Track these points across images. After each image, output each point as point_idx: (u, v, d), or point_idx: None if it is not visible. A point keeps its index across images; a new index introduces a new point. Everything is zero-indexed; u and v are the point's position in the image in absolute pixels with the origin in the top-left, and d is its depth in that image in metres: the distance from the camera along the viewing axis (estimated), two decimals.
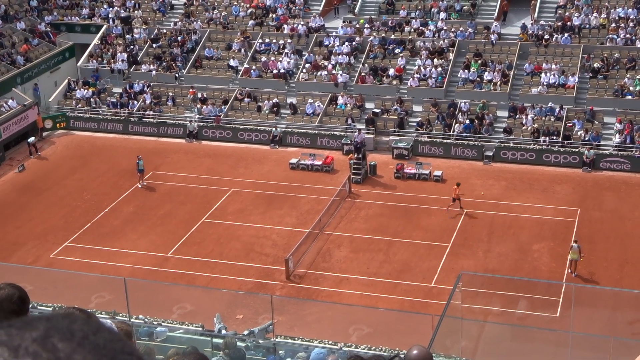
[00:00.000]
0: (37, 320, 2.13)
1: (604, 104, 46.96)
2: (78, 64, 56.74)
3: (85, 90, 54.05)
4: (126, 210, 40.89)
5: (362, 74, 51.39)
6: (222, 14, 57.41)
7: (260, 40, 55.40)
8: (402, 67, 51.66)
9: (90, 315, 4.15)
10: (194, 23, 57.08)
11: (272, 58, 53.94)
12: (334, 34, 54.60)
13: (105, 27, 58.50)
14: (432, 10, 54.68)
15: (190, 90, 53.05)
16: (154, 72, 54.70)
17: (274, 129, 48.85)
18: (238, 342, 21.88)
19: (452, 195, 39.47)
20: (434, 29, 53.17)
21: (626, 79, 47.50)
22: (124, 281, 26.34)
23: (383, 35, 53.60)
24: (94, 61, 56.52)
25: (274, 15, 56.63)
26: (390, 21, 54.24)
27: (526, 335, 27.33)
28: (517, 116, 47.45)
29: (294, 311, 30.62)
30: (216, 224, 39.13)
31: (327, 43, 54.38)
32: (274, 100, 51.07)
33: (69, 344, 2.06)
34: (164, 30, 57.49)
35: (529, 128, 46.41)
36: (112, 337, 2.12)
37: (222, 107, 51.52)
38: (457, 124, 47.30)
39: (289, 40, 54.71)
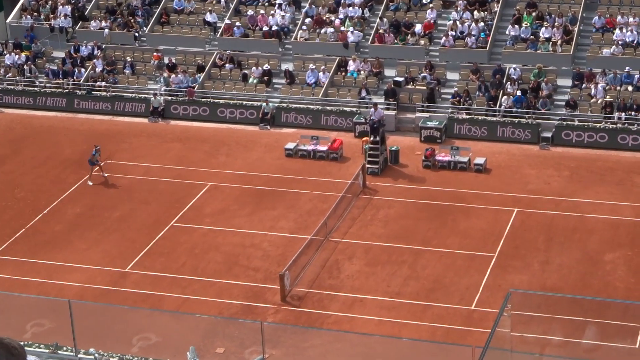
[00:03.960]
0: None
1: None
2: (7, 21, 56.75)
3: (17, 55, 54.06)
4: (71, 212, 40.93)
5: (380, 31, 51.35)
6: None
7: None
8: (432, 21, 51.57)
9: (15, 349, 4.09)
10: None
11: (262, 11, 53.87)
12: None
13: None
14: None
15: (155, 54, 53.03)
16: (106, 31, 54.66)
17: (264, 104, 48.85)
18: None
19: None
20: None
21: None
22: (69, 304, 26.39)
23: None
24: (28, 17, 56.49)
25: None
26: None
27: None
28: (584, 86, 47.39)
29: (292, 343, 30.65)
30: (189, 229, 39.15)
31: None
32: (264, 67, 51.05)
33: None
34: None
35: (600, 101, 46.36)
36: None
37: (196, 76, 51.51)
38: (505, 97, 47.28)
39: None
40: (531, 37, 49.74)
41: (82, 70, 52.90)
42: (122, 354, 26.83)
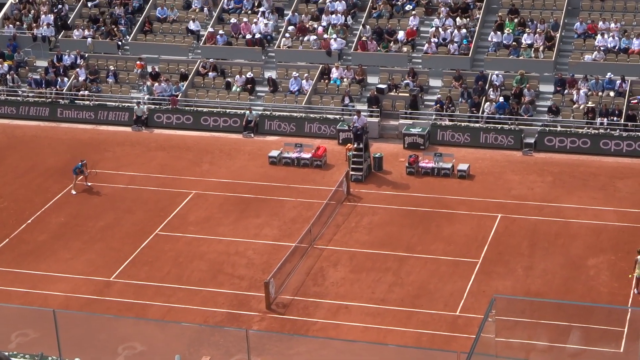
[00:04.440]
0: None
1: None
2: None
3: (0, 65, 53.96)
4: (55, 222, 40.85)
5: (363, 38, 51.46)
6: None
7: None
8: (414, 28, 51.71)
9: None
10: None
11: (245, 19, 53.93)
12: None
13: None
14: None
15: (138, 62, 53.01)
16: (89, 40, 54.62)
17: (247, 112, 48.89)
18: None
19: None
20: None
21: None
22: (54, 314, 26.36)
23: None
24: (10, 26, 56.39)
25: None
26: None
27: None
28: (566, 91, 47.59)
29: (277, 350, 30.67)
30: (174, 237, 39.12)
31: None
32: (247, 75, 51.10)
33: None
34: None
35: (582, 107, 46.55)
36: None
37: (180, 84, 51.51)
38: (488, 103, 47.43)
39: None
40: (513, 43, 49.92)
41: (65, 79, 52.82)
42: None
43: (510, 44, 49.93)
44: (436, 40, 50.60)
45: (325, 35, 52.06)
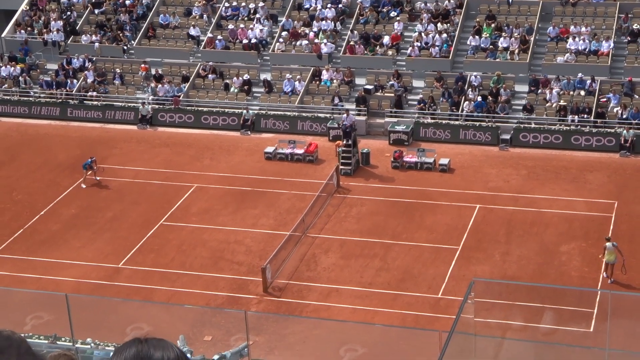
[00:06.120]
0: None
1: None
2: (2, 35, 56.71)
3: (13, 68, 54.04)
4: (67, 213, 41.00)
5: (351, 42, 51.66)
6: None
7: (227, 4, 55.53)
8: (399, 33, 51.93)
9: (21, 340, 4.46)
10: None
11: (242, 25, 54.08)
12: None
13: None
14: None
15: (142, 65, 53.13)
16: (96, 45, 54.72)
17: (244, 111, 49.07)
18: None
19: None
20: None
21: None
22: (66, 298, 26.57)
23: None
24: (22, 31, 56.47)
25: None
26: None
27: (554, 354, 27.71)
28: (540, 91, 47.87)
29: (274, 330, 30.95)
30: (177, 227, 39.31)
31: (307, 6, 54.59)
32: (244, 77, 51.26)
33: None
34: None
35: (554, 105, 46.83)
36: None
37: (182, 85, 51.66)
38: (467, 102, 47.69)
39: (261, 4, 54.87)
40: (490, 46, 50.20)
41: (75, 81, 52.95)
42: (117, 343, 27.01)
43: (488, 47, 50.22)
44: (419, 44, 50.85)
45: (316, 40, 52.28)
